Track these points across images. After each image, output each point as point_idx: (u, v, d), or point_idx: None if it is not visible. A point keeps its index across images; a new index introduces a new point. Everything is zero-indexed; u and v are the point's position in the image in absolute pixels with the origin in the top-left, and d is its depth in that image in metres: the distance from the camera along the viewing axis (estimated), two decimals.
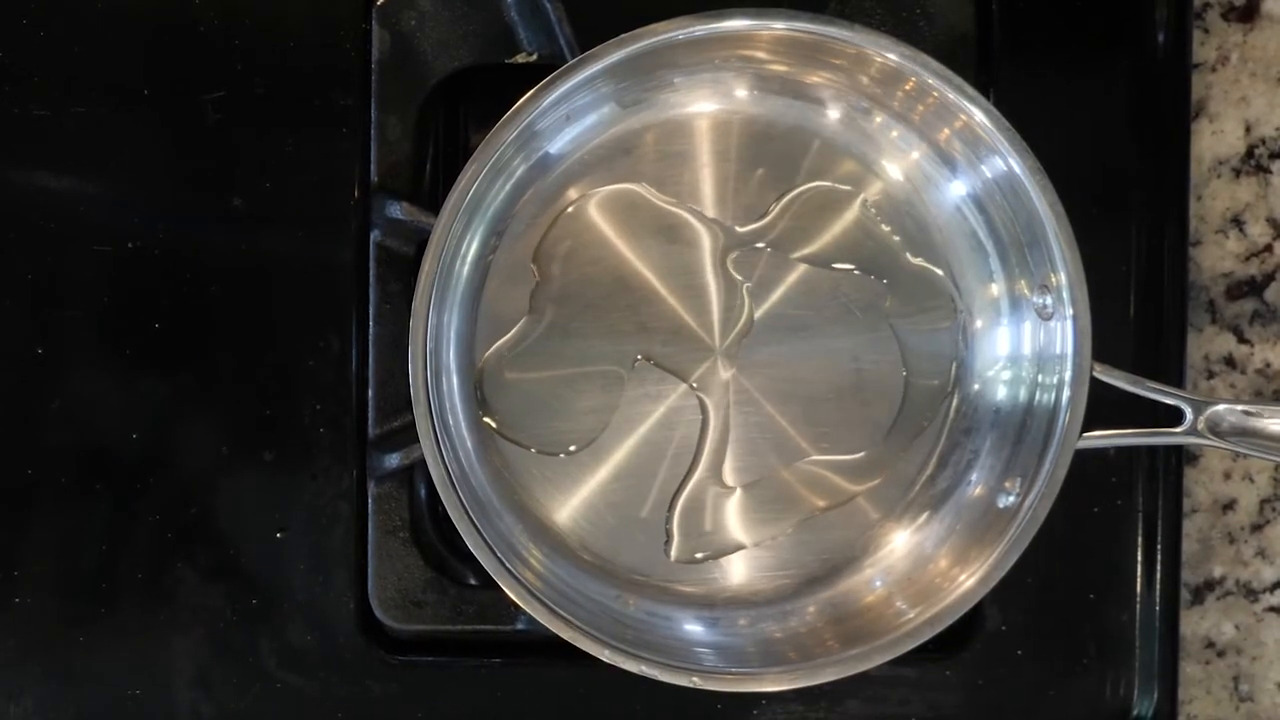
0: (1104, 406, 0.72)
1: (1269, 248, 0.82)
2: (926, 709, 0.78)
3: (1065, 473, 0.71)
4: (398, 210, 0.74)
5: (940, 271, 0.76)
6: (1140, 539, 0.78)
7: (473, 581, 0.77)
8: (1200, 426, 0.71)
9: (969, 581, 0.72)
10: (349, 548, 0.76)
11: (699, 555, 0.76)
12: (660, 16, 0.70)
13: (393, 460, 0.75)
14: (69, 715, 0.77)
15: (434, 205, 0.73)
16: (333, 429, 0.76)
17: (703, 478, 0.76)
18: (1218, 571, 0.83)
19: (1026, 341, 0.74)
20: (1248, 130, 0.82)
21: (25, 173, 0.76)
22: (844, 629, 0.74)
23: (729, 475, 0.76)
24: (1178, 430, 0.72)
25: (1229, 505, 0.83)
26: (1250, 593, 0.83)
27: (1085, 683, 0.79)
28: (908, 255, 0.76)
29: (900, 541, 0.76)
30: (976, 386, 0.76)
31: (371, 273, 0.76)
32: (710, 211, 0.75)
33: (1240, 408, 0.72)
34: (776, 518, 0.76)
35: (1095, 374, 0.71)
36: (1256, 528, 0.83)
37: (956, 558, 0.74)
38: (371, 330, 0.76)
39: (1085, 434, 0.71)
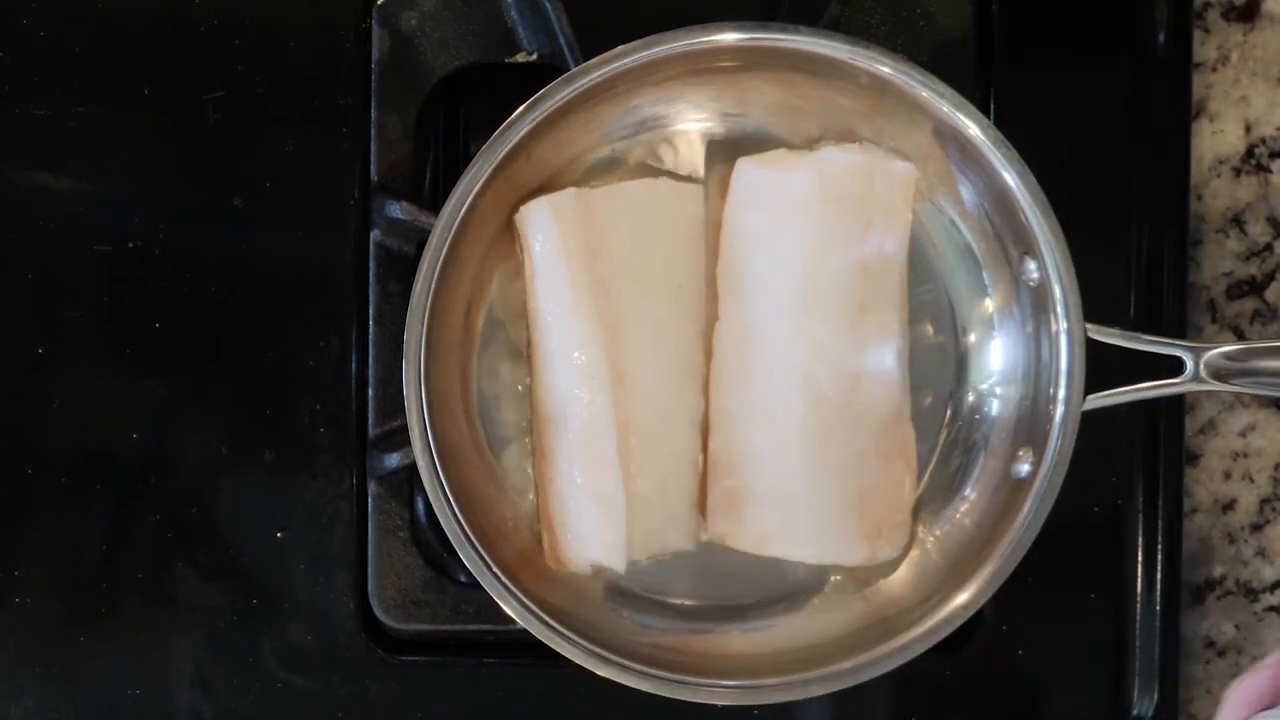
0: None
1: (1269, 247, 0.82)
2: (926, 709, 0.78)
3: (1075, 438, 0.71)
4: (398, 210, 0.74)
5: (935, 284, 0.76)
6: (1140, 539, 0.78)
7: (471, 581, 0.77)
8: (1202, 372, 0.71)
9: (967, 589, 0.72)
10: (349, 548, 0.77)
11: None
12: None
13: (393, 460, 0.75)
14: (69, 715, 0.77)
15: (434, 205, 0.73)
16: (333, 429, 0.76)
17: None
18: (1218, 571, 0.83)
19: (1020, 354, 0.74)
20: (1248, 130, 0.82)
21: (25, 173, 0.76)
22: (840, 641, 0.74)
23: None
24: (1180, 379, 0.71)
25: (1229, 505, 0.83)
26: (1250, 592, 0.83)
27: (1085, 683, 0.79)
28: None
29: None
30: (972, 399, 0.76)
31: (371, 273, 0.76)
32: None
33: (1237, 347, 0.71)
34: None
35: (1090, 334, 0.71)
36: (1256, 527, 0.83)
37: (949, 571, 0.74)
38: (371, 330, 0.76)
39: (1090, 395, 0.71)
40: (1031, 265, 0.72)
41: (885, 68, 0.70)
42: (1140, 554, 0.78)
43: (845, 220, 0.73)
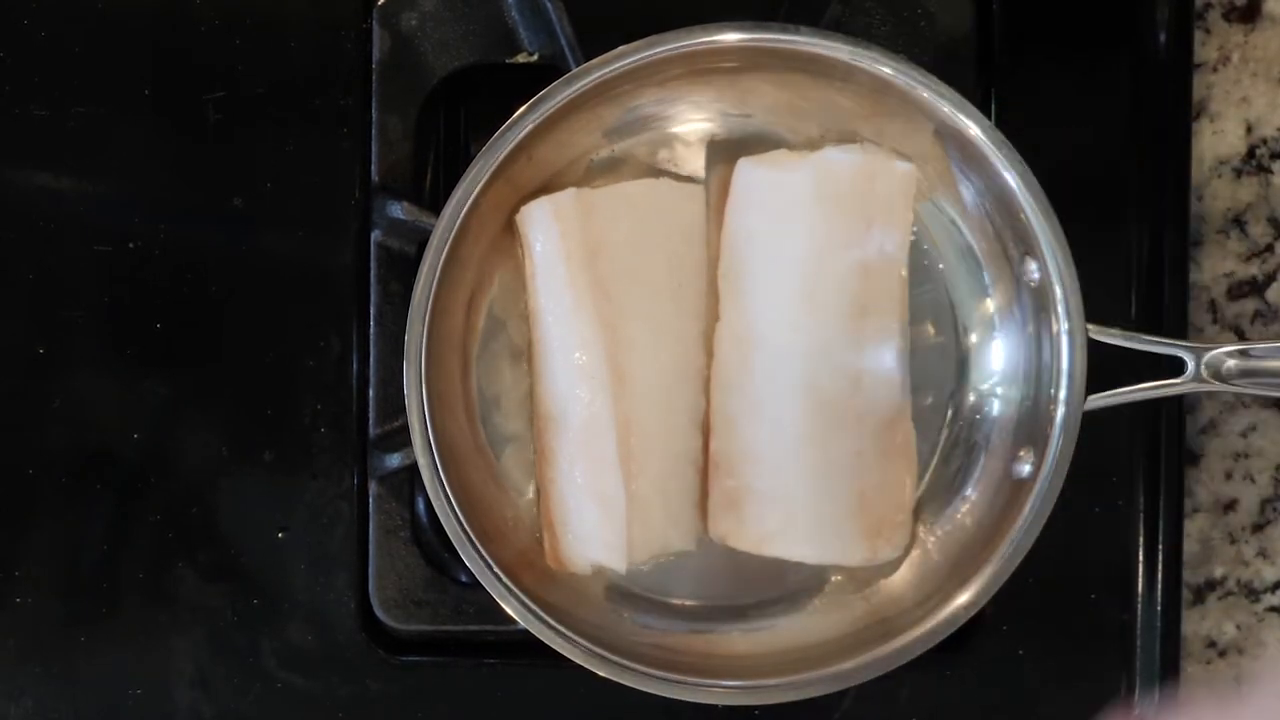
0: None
1: (1270, 248, 0.82)
2: (926, 709, 0.78)
3: (1076, 438, 0.71)
4: (398, 210, 0.74)
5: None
6: (1141, 539, 0.78)
7: (472, 581, 0.77)
8: (1203, 373, 0.71)
9: (968, 589, 0.72)
10: (349, 548, 0.77)
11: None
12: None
13: (393, 460, 0.75)
14: (69, 715, 0.77)
15: (435, 205, 0.73)
16: (333, 429, 0.76)
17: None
18: (1219, 571, 0.83)
19: (1021, 354, 0.74)
20: (1249, 130, 0.82)
21: (25, 173, 0.76)
22: (840, 641, 0.74)
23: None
24: (1181, 380, 0.71)
25: (1230, 505, 0.83)
26: (1251, 593, 0.83)
27: (1085, 683, 0.79)
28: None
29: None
30: (972, 399, 0.76)
31: (372, 273, 0.76)
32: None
33: (1239, 348, 0.71)
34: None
35: (1091, 334, 0.71)
36: (1258, 528, 0.83)
37: (950, 571, 0.74)
38: (372, 330, 0.76)
39: (1091, 395, 0.71)
40: (1032, 265, 0.72)
41: (886, 68, 0.70)
42: (1141, 554, 0.78)
43: (846, 220, 0.73)
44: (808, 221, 0.73)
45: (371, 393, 0.76)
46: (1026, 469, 0.72)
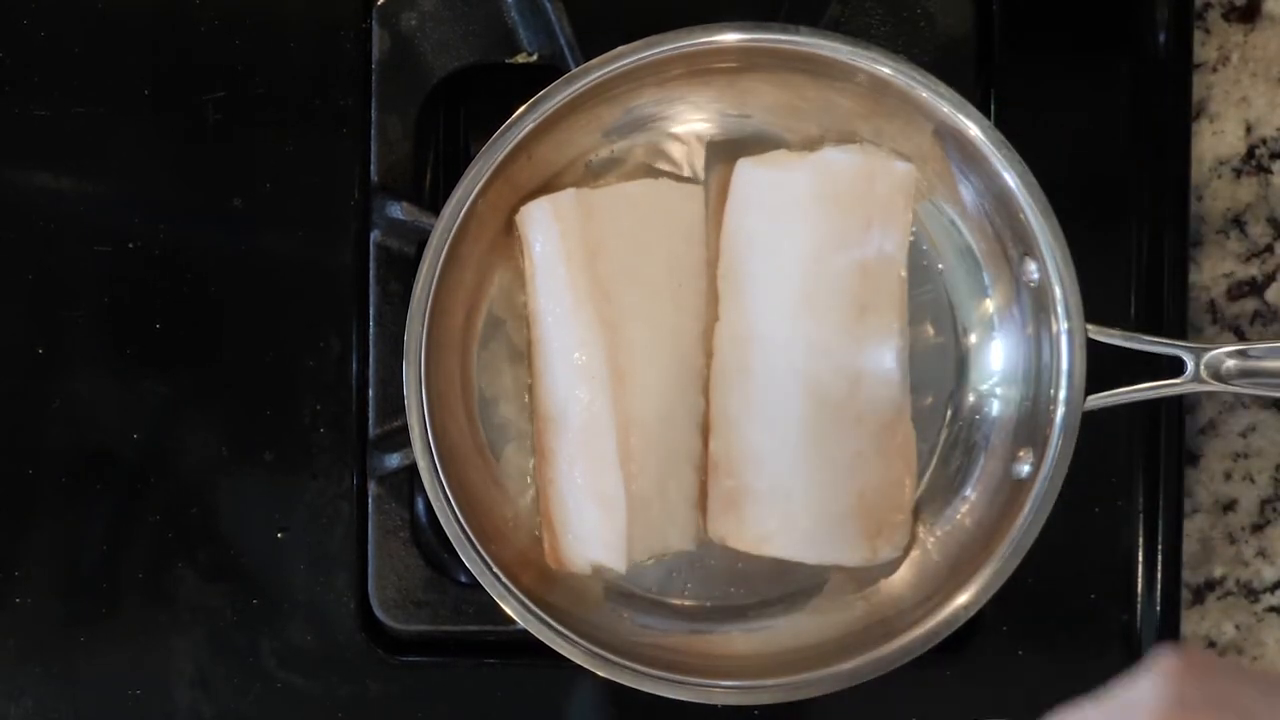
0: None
1: (1270, 248, 0.82)
2: (926, 709, 0.78)
3: (1075, 438, 0.71)
4: (398, 210, 0.74)
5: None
6: (1141, 539, 0.78)
7: (472, 581, 0.77)
8: (1202, 373, 0.71)
9: (968, 589, 0.72)
10: (349, 548, 0.77)
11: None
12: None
13: (393, 460, 0.75)
14: (69, 715, 0.77)
15: (434, 205, 0.73)
16: (333, 429, 0.76)
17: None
18: (1218, 571, 0.83)
19: (1020, 355, 0.74)
20: (1248, 130, 0.82)
21: (25, 173, 0.76)
22: (840, 642, 0.74)
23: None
24: (1180, 380, 0.71)
25: (1229, 505, 0.83)
26: (1251, 593, 0.83)
27: (1085, 683, 0.78)
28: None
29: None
30: (972, 399, 0.76)
31: (371, 273, 0.76)
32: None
33: (1238, 348, 0.71)
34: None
35: (1091, 334, 0.71)
36: (1257, 528, 0.83)
37: (950, 572, 0.74)
38: (371, 330, 0.76)
39: (1091, 395, 0.71)
40: (1032, 266, 0.72)
41: (885, 68, 0.70)
42: (1140, 554, 0.78)
43: (845, 221, 0.73)
44: (807, 221, 0.73)
45: (371, 393, 0.76)
46: (1026, 469, 0.72)
